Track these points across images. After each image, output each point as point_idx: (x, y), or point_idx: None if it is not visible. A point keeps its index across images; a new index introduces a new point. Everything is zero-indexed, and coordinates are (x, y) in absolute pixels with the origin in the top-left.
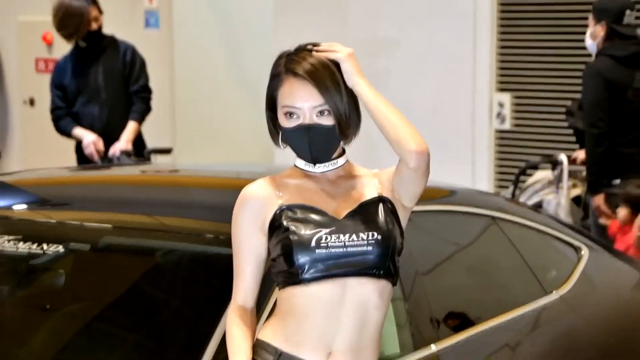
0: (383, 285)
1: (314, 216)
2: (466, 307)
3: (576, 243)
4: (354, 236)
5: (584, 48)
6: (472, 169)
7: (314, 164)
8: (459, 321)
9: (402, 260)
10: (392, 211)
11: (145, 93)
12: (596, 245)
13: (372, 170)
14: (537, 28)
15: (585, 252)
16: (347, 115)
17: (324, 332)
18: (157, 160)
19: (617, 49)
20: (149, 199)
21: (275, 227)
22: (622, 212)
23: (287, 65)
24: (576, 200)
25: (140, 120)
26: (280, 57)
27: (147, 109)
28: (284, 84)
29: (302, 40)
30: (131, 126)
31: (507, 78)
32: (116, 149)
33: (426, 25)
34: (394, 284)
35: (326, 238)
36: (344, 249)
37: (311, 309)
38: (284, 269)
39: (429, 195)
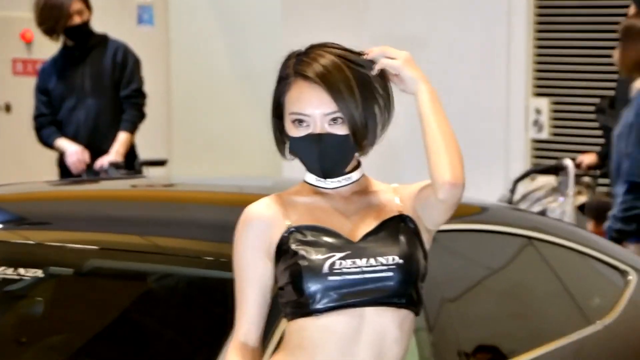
0: (404, 315)
1: (327, 239)
2: (498, 338)
3: (623, 266)
4: (372, 260)
5: None
6: (506, 183)
7: (325, 178)
8: (490, 355)
9: (427, 285)
10: (414, 232)
11: (137, 98)
12: None
13: (391, 184)
14: (579, 26)
15: (633, 276)
16: (363, 123)
17: None
18: (150, 173)
19: None
20: (141, 217)
21: (283, 251)
22: (588, 224)
23: (296, 67)
24: (582, 209)
25: (132, 129)
26: (288, 58)
27: (140, 117)
28: (292, 87)
29: (315, 38)
30: (122, 137)
31: (545, 82)
32: (104, 161)
33: (454, 22)
34: (416, 314)
35: (340, 263)
36: (361, 276)
37: (324, 342)
38: (292, 298)
39: (457, 212)
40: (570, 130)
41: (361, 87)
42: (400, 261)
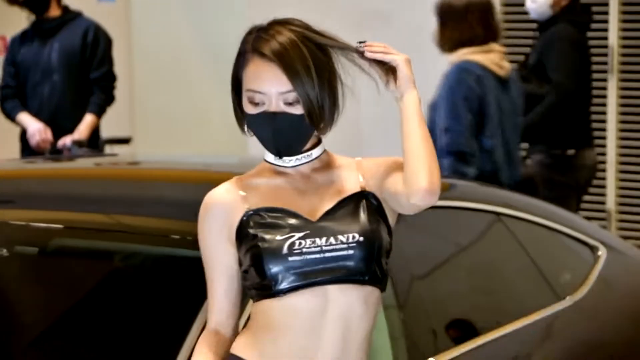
0: (369, 292)
1: (285, 219)
2: (469, 315)
3: (592, 242)
4: (332, 239)
5: (605, 38)
6: None
7: (280, 157)
8: (461, 332)
9: (396, 263)
10: (377, 208)
11: (108, 81)
12: (615, 243)
13: (354, 158)
14: None
15: (602, 252)
16: (320, 103)
17: (305, 346)
18: (114, 151)
19: (578, 15)
20: (106, 195)
21: (243, 235)
22: None
23: (254, 43)
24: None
25: (100, 113)
26: (249, 33)
27: (110, 100)
28: (249, 64)
29: (281, 14)
30: (88, 119)
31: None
32: (67, 139)
33: (424, 2)
34: (382, 290)
35: (300, 243)
36: (321, 255)
37: (289, 322)
38: (256, 280)
39: None
40: None
41: (319, 67)
42: (361, 239)
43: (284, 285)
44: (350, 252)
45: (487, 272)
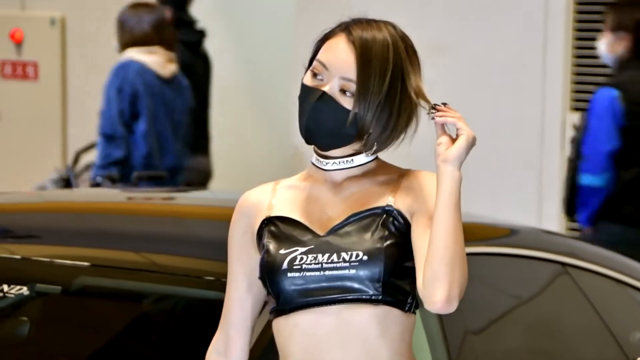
0: (385, 311)
1: (295, 232)
2: None
3: None
4: (334, 256)
5: None
6: (539, 204)
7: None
8: None
9: (448, 316)
10: (400, 228)
11: None
12: None
13: (401, 169)
14: None
15: None
16: (376, 114)
17: None
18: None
19: (188, 35)
20: (137, 232)
21: (260, 243)
22: None
23: (349, 23)
24: None
25: None
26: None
27: None
28: (332, 37)
29: None
30: None
31: (584, 95)
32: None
33: (483, 27)
34: (404, 310)
35: (301, 259)
36: (321, 272)
37: (292, 346)
38: (267, 295)
39: (484, 234)
40: None
41: (395, 80)
42: (365, 257)
43: (285, 302)
44: (352, 271)
45: (550, 329)
